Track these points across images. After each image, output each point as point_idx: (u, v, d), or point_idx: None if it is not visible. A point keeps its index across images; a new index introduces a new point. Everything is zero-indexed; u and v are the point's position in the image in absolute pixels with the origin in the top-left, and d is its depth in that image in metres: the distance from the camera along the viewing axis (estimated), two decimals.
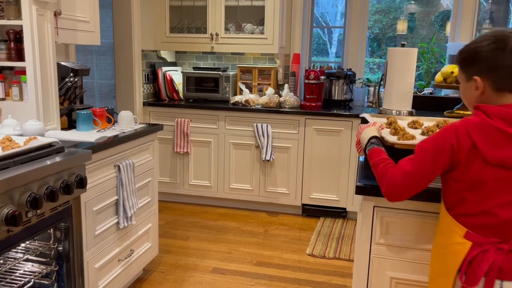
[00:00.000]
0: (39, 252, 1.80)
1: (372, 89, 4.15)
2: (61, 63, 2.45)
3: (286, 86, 3.95)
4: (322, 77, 3.91)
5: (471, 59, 1.24)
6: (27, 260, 1.82)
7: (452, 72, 2.41)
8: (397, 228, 1.53)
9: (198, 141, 3.97)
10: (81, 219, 1.90)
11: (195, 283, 2.73)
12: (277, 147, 3.80)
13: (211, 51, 4.12)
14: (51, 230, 1.77)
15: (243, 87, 4.01)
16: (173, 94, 4.16)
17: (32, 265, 1.84)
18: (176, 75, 4.19)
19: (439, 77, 2.52)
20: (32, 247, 1.79)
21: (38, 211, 1.58)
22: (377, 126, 1.63)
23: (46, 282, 1.84)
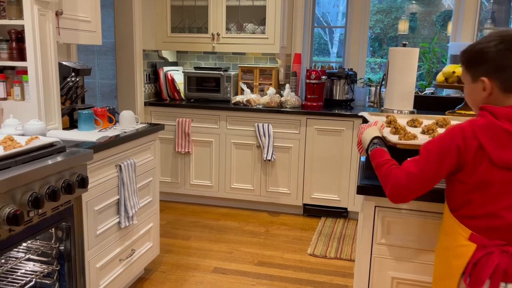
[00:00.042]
0: (41, 252, 1.81)
1: (373, 89, 4.15)
2: (63, 62, 2.46)
3: (287, 86, 3.95)
4: (323, 77, 3.91)
5: (478, 59, 1.22)
6: (29, 259, 1.82)
7: (453, 72, 2.41)
8: (398, 228, 1.53)
9: (200, 141, 3.97)
10: (82, 219, 1.90)
11: (196, 283, 2.73)
12: (278, 147, 3.80)
13: (212, 51, 4.12)
14: (53, 229, 1.77)
15: (244, 87, 4.01)
16: (174, 94, 4.16)
17: (34, 265, 1.84)
18: (178, 75, 4.19)
19: (441, 77, 2.52)
20: (33, 247, 1.79)
21: (39, 210, 1.58)
22: (379, 125, 1.60)
23: (48, 282, 1.84)
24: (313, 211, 3.89)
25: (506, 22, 4.39)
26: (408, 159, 1.28)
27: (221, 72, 4.05)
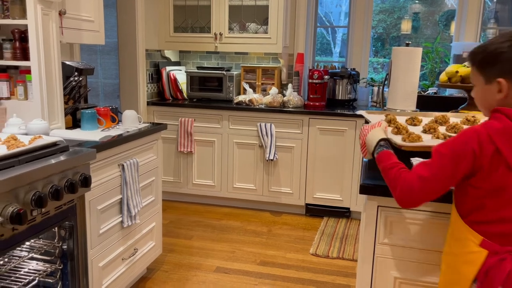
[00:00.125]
0: (44, 251, 1.81)
1: (376, 88, 4.14)
2: (66, 62, 2.46)
3: (289, 85, 3.94)
4: (326, 76, 3.91)
5: (492, 60, 1.19)
6: (32, 258, 1.83)
7: (456, 72, 2.40)
8: (401, 228, 1.52)
9: (202, 141, 3.97)
10: (85, 218, 1.91)
11: (199, 282, 2.73)
12: (280, 147, 3.80)
13: (215, 51, 4.12)
14: (56, 228, 1.78)
15: (246, 86, 4.01)
16: (177, 94, 4.16)
17: (37, 264, 1.84)
18: (180, 75, 4.19)
19: (444, 77, 2.51)
20: (36, 246, 1.80)
21: (42, 209, 1.59)
22: (383, 126, 1.54)
23: (51, 281, 1.85)
24: (316, 211, 3.88)
25: (510, 22, 4.38)
26: (418, 162, 1.24)
27: (224, 72, 4.05)
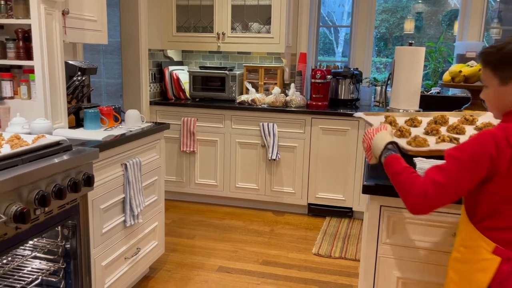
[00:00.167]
0: (47, 250, 1.82)
1: (378, 88, 4.14)
2: (69, 62, 2.47)
3: (292, 85, 3.94)
4: (328, 76, 3.90)
5: (508, 61, 1.16)
6: (35, 257, 1.84)
7: (460, 71, 2.39)
8: (403, 228, 1.52)
9: (205, 140, 3.98)
10: (88, 217, 1.91)
11: (201, 282, 2.73)
12: (283, 147, 3.80)
13: (217, 50, 4.12)
14: (59, 227, 1.78)
15: (249, 86, 4.01)
16: (180, 93, 4.17)
17: (40, 262, 1.85)
18: (183, 74, 4.20)
19: (447, 76, 2.50)
20: (40, 245, 1.80)
21: (46, 208, 1.59)
22: (389, 130, 1.46)
23: (54, 279, 1.85)
24: (318, 211, 3.88)
25: None
26: (431, 166, 1.19)
27: (226, 72, 4.05)
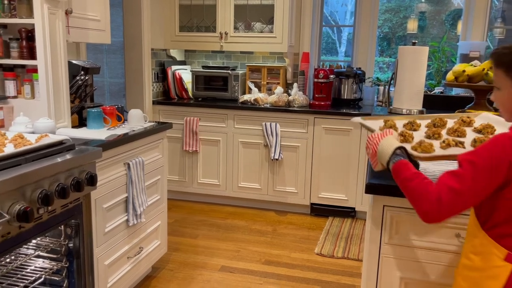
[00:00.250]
0: (50, 249, 1.82)
1: (381, 88, 4.13)
2: (72, 61, 2.47)
3: (295, 85, 3.94)
4: (331, 76, 3.90)
5: None
6: (38, 256, 1.84)
7: (463, 71, 2.39)
8: (407, 228, 1.52)
9: (207, 140, 3.98)
10: (91, 216, 1.91)
11: (204, 281, 2.74)
12: (285, 146, 3.80)
13: (220, 50, 4.12)
14: (62, 226, 1.79)
15: (252, 86, 4.01)
16: (182, 93, 4.17)
17: (43, 261, 1.85)
18: (186, 74, 4.20)
19: (451, 76, 2.49)
20: (43, 244, 1.81)
21: (49, 207, 1.59)
22: (395, 135, 1.42)
23: (57, 278, 1.86)
24: (321, 211, 3.88)
25: None
26: (444, 172, 1.15)
27: (229, 71, 4.05)
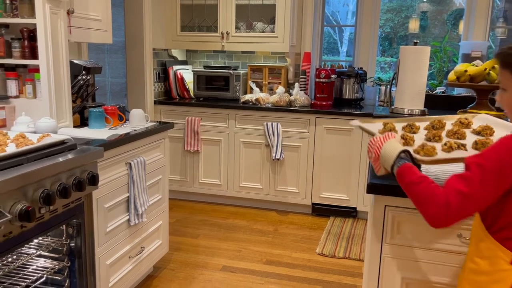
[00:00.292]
0: (52, 248, 1.82)
1: (383, 88, 4.12)
2: (74, 61, 2.48)
3: (296, 85, 3.94)
4: (333, 76, 3.90)
5: None
6: (40, 255, 1.84)
7: (465, 71, 2.38)
8: (408, 228, 1.52)
9: (209, 140, 3.98)
10: (92, 216, 1.92)
11: (205, 281, 2.74)
12: (287, 146, 3.80)
13: (221, 50, 4.12)
14: (64, 226, 1.79)
15: (253, 85, 4.01)
16: (184, 93, 4.17)
17: (45, 261, 1.86)
18: (187, 74, 4.20)
19: (453, 76, 2.49)
20: (44, 243, 1.81)
21: (51, 207, 1.60)
22: (398, 138, 1.40)
23: (59, 278, 1.86)
24: (322, 211, 3.88)
25: None
26: (452, 175, 1.13)
27: (230, 71, 4.05)
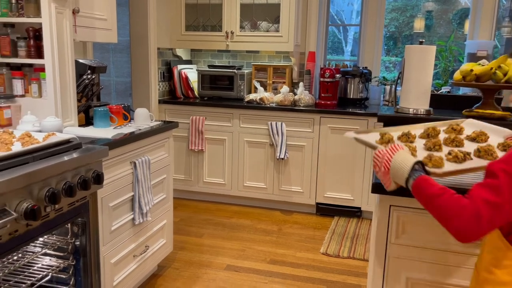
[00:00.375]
0: (57, 247, 1.83)
1: (388, 87, 4.11)
2: (79, 60, 2.48)
3: (301, 84, 3.93)
4: (337, 75, 3.89)
5: None
6: (45, 254, 1.85)
7: (471, 70, 2.37)
8: (413, 228, 1.51)
9: (213, 139, 3.98)
10: (97, 215, 1.92)
11: (209, 280, 2.74)
12: (291, 146, 3.79)
13: (226, 49, 4.12)
14: (69, 225, 1.80)
15: (257, 85, 4.01)
16: (188, 92, 4.18)
17: (50, 259, 1.87)
18: (191, 73, 4.21)
19: (458, 75, 2.47)
20: (50, 242, 1.82)
21: (56, 206, 1.60)
22: (407, 149, 1.33)
23: (64, 276, 1.87)
24: (326, 210, 3.87)
25: None
26: (475, 185, 1.07)
27: (235, 70, 4.05)
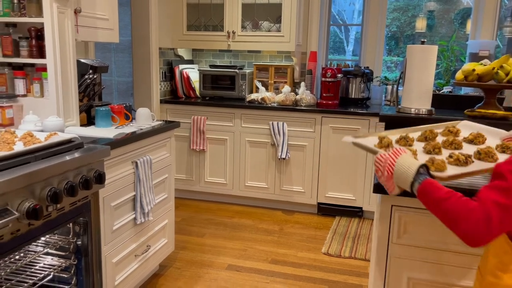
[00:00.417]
0: (59, 246, 1.84)
1: (389, 87, 4.10)
2: (81, 60, 2.49)
3: (302, 84, 3.93)
4: (339, 75, 3.88)
5: None
6: (47, 253, 1.85)
7: (473, 70, 2.36)
8: (415, 228, 1.51)
9: (214, 139, 3.98)
10: (99, 214, 1.93)
11: (211, 280, 2.74)
12: (293, 145, 3.79)
13: (227, 49, 4.12)
14: (70, 224, 1.80)
15: (259, 85, 4.01)
16: (190, 92, 4.18)
17: (52, 259, 1.87)
18: (193, 73, 4.21)
19: (460, 75, 2.47)
20: (51, 241, 1.82)
21: (58, 205, 1.61)
22: (410, 153, 1.31)
23: (65, 276, 1.87)
24: (328, 210, 3.87)
25: None
26: (484, 187, 1.05)
27: (236, 70, 4.05)
